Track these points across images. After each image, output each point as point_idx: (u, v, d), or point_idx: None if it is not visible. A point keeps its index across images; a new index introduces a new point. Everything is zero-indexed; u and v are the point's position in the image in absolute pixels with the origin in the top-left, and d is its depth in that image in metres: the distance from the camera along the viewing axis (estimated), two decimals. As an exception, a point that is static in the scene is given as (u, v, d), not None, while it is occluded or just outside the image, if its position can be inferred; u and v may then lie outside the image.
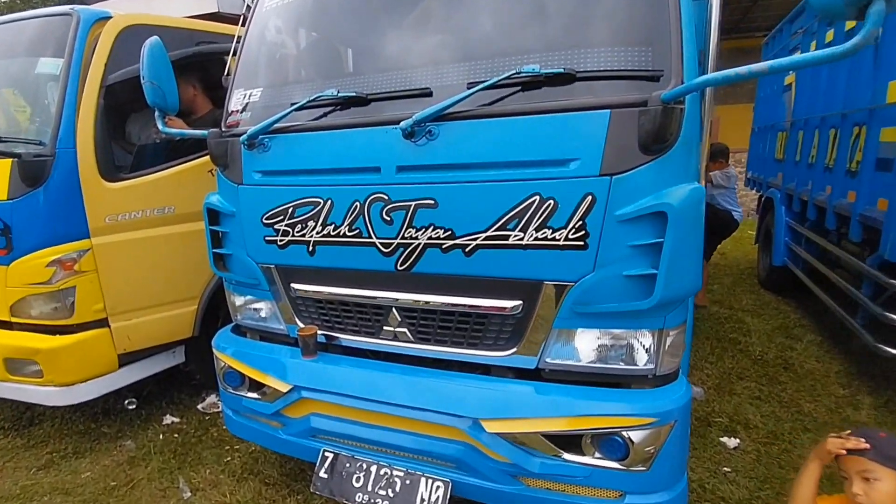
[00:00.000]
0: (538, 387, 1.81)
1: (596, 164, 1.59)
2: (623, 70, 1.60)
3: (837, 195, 4.24)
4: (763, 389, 3.69)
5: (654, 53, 1.58)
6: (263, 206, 2.15)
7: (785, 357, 4.25)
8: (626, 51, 1.62)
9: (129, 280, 3.00)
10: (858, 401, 3.51)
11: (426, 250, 1.85)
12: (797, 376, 3.91)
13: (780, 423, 3.24)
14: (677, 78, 1.54)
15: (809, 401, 3.54)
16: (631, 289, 1.63)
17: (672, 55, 1.56)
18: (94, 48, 2.78)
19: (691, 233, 1.57)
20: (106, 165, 2.85)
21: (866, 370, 3.93)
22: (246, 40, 2.36)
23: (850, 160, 4.08)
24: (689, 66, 1.58)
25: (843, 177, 4.18)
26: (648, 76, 1.57)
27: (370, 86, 1.96)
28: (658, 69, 1.57)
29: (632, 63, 1.61)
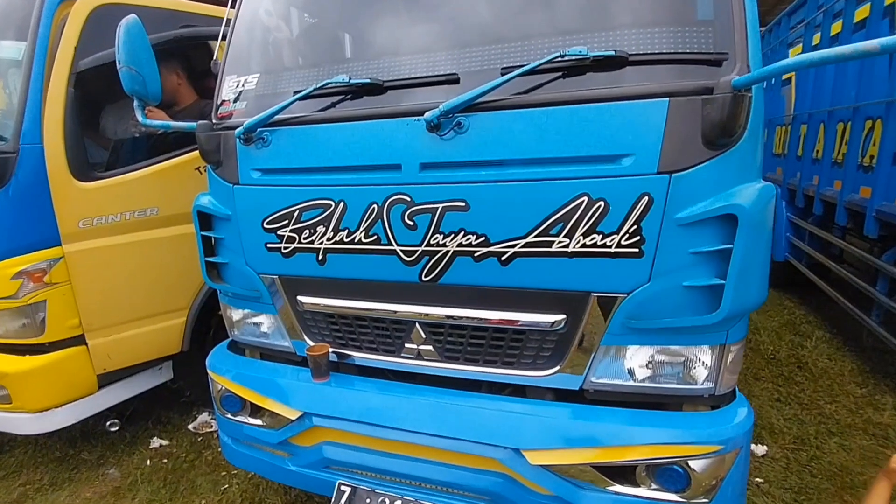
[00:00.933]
0: (585, 411, 1.61)
1: (653, 161, 1.39)
2: (682, 53, 1.40)
3: (849, 191, 4.16)
4: (781, 391, 3.58)
5: (716, 34, 1.39)
6: (264, 208, 1.90)
7: (797, 355, 4.16)
8: (682, 31, 1.42)
9: (107, 291, 2.70)
10: (877, 400, 3.42)
11: (455, 259, 1.64)
12: (813, 376, 3.81)
13: (804, 426, 3.12)
14: (742, 62, 1.35)
15: (829, 401, 3.44)
16: (692, 301, 1.44)
17: (736, 36, 1.37)
18: (61, 30, 2.47)
19: (762, 237, 1.39)
20: (78, 163, 2.54)
21: (880, 367, 3.86)
22: (238, 20, 2.09)
23: (863, 155, 3.99)
24: (754, 48, 1.39)
25: (855, 172, 4.09)
26: (712, 60, 1.38)
27: (386, 71, 1.73)
28: (721, 52, 1.37)
29: (689, 45, 1.41)
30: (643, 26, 1.45)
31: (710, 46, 1.39)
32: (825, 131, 4.75)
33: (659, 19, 1.47)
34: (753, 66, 1.36)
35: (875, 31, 3.80)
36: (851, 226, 4.26)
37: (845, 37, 4.29)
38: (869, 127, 3.95)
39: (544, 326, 1.61)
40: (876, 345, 4.02)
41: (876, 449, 2.86)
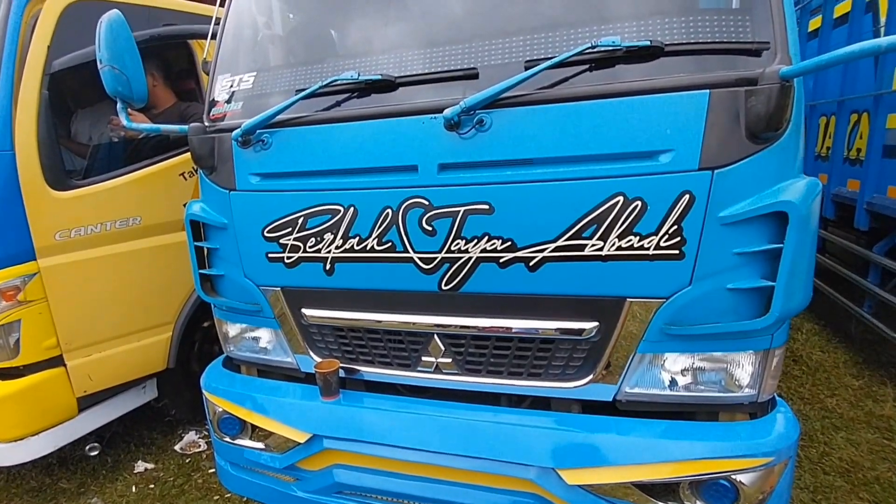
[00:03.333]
0: (623, 424, 1.53)
1: (694, 157, 1.32)
2: (721, 42, 1.34)
3: (836, 184, 4.23)
4: (781, 386, 3.59)
5: (754, 23, 1.33)
6: (265, 216, 1.77)
7: (791, 348, 4.20)
8: (719, 20, 1.36)
9: (87, 308, 2.51)
10: (875, 392, 3.46)
11: (479, 265, 1.53)
12: (809, 369, 3.84)
13: (809, 422, 3.13)
14: (783, 52, 1.29)
15: (829, 395, 3.46)
16: (737, 304, 1.37)
17: (775, 25, 1.31)
18: (32, 28, 2.28)
19: (811, 234, 1.33)
20: (54, 171, 2.35)
21: (872, 358, 3.92)
22: (230, 15, 1.94)
23: (850, 148, 4.06)
24: (793, 38, 1.33)
25: (842, 165, 4.16)
26: (752, 49, 1.31)
27: (397, 66, 1.61)
28: (763, 41, 1.31)
29: (727, 35, 1.34)
30: (678, 15, 1.38)
31: (748, 36, 1.33)
32: (807, 125, 4.83)
33: (694, 8, 1.40)
34: (793, 56, 1.30)
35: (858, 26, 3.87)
36: (836, 218, 4.33)
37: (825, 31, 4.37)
38: (854, 120, 4.02)
39: (575, 335, 1.52)
40: (865, 335, 4.09)
41: (882, 443, 2.88)
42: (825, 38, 4.28)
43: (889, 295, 3.45)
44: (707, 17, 1.36)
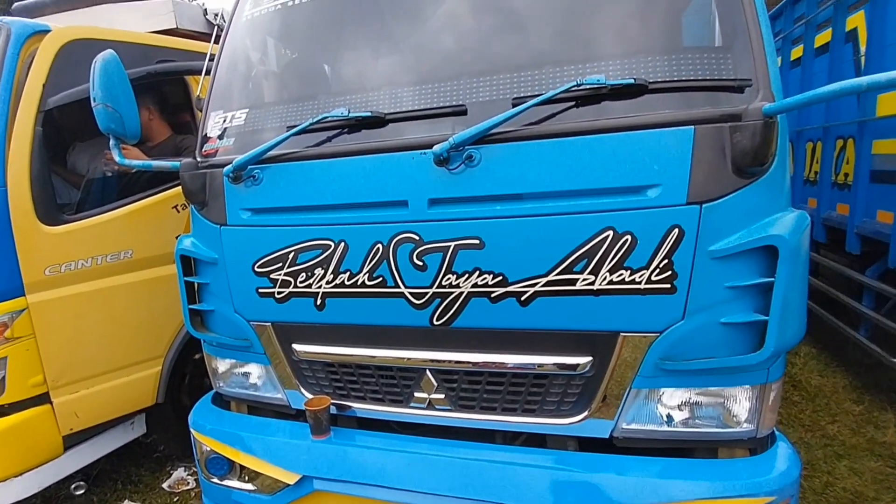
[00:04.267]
0: (620, 463, 1.49)
1: (681, 191, 1.33)
2: (704, 80, 1.36)
3: (825, 208, 4.27)
4: (782, 412, 3.54)
5: (736, 61, 1.36)
6: (255, 251, 1.76)
7: (789, 373, 4.16)
8: (703, 58, 1.39)
9: (76, 343, 2.47)
10: (876, 418, 3.42)
11: (470, 300, 1.52)
12: (808, 395, 3.81)
13: (811, 450, 3.07)
14: (766, 88, 1.32)
15: (829, 421, 3.42)
16: (731, 339, 1.36)
17: (757, 62, 1.34)
18: (28, 66, 2.30)
19: (802, 268, 1.33)
20: (45, 206, 2.34)
21: (871, 382, 3.89)
22: (223, 53, 1.98)
23: (837, 172, 4.12)
24: (775, 74, 1.36)
25: (830, 189, 4.21)
26: (735, 86, 1.34)
27: (387, 103, 1.64)
28: (745, 79, 1.34)
29: (710, 72, 1.37)
30: (661, 53, 1.41)
31: (730, 73, 1.35)
32: (794, 150, 4.90)
33: (678, 46, 1.43)
34: (776, 92, 1.33)
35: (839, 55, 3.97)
36: (828, 241, 4.36)
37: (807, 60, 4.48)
38: (840, 146, 4.09)
39: (569, 370, 1.50)
40: (863, 359, 4.06)
41: (886, 471, 2.83)
42: (807, 67, 4.39)
43: (884, 319, 3.44)
44: (690, 54, 1.39)
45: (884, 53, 3.22)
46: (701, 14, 1.50)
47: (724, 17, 1.40)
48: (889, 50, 3.18)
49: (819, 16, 4.16)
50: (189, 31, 3.40)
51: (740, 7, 1.36)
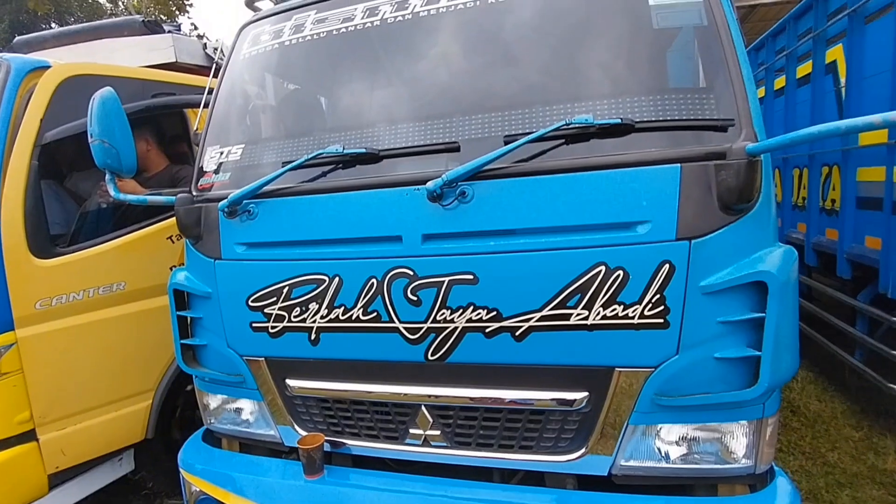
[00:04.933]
0: (623, 502, 1.46)
1: (670, 227, 1.35)
2: (688, 119, 1.40)
3: (815, 233, 4.33)
4: (782, 440, 3.51)
5: (719, 101, 1.40)
6: (249, 285, 1.76)
7: (787, 399, 4.14)
8: (687, 99, 1.43)
9: (65, 378, 2.42)
10: (876, 444, 3.39)
11: (465, 335, 1.52)
12: (808, 420, 3.78)
13: (812, 479, 3.04)
14: (748, 127, 1.36)
15: (829, 448, 3.39)
16: (726, 374, 1.36)
17: (739, 102, 1.38)
18: (27, 102, 2.33)
19: (792, 303, 1.34)
20: (38, 239, 2.33)
21: (870, 407, 3.87)
22: (221, 89, 2.01)
23: (824, 199, 4.19)
24: (756, 114, 1.40)
25: (819, 215, 4.28)
26: (718, 126, 1.38)
27: (381, 139, 1.67)
28: (727, 118, 1.38)
29: (694, 112, 1.41)
30: (647, 94, 1.45)
31: (713, 113, 1.40)
32: (781, 176, 4.99)
33: (662, 86, 1.48)
34: (758, 130, 1.37)
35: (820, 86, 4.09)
36: (819, 265, 4.40)
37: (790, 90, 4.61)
38: (826, 173, 4.17)
39: (566, 405, 1.49)
40: (861, 384, 4.05)
41: (888, 500, 2.79)
42: (791, 97, 4.51)
43: (879, 344, 3.45)
44: (674, 95, 1.43)
45: (863, 85, 3.32)
46: (684, 54, 1.55)
47: (705, 58, 1.45)
48: (868, 82, 3.28)
49: (799, 48, 4.30)
50: (188, 65, 3.47)
51: (720, 49, 1.41)
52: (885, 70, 3.03)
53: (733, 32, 1.43)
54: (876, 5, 3.23)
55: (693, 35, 1.50)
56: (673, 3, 1.49)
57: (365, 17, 1.82)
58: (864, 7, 3.27)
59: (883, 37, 3.11)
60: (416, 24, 1.74)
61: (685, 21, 1.50)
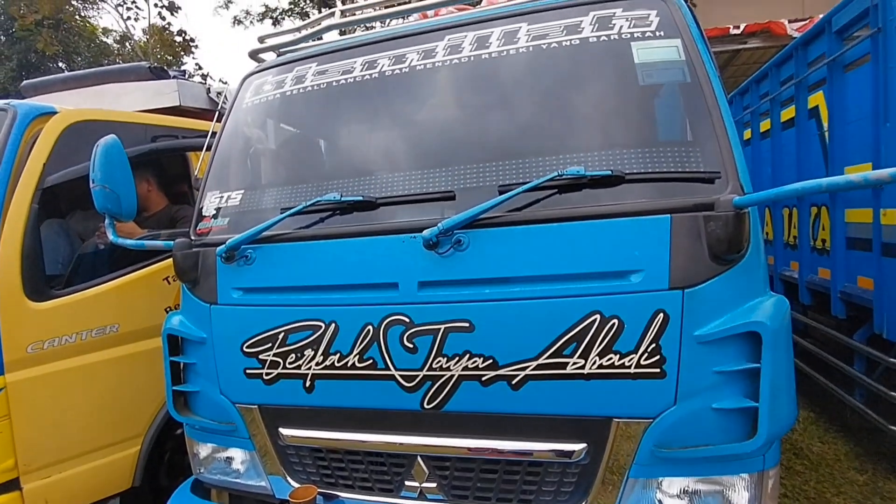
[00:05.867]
0: None
1: (663, 276, 1.37)
2: (676, 172, 1.45)
3: (808, 271, 4.37)
4: (786, 484, 3.43)
5: (704, 154, 1.45)
6: (245, 330, 1.75)
7: (790, 440, 4.07)
8: (675, 152, 1.48)
9: (53, 424, 2.36)
10: (882, 488, 3.32)
11: (461, 384, 1.51)
12: (811, 463, 3.71)
13: (818, 527, 2.95)
14: (735, 180, 1.40)
15: (834, 493, 3.31)
16: (725, 425, 1.35)
17: (724, 155, 1.43)
18: (31, 146, 2.38)
19: (786, 353, 1.35)
20: (33, 281, 2.32)
21: (873, 448, 3.81)
22: (222, 138, 2.07)
23: (815, 238, 4.25)
24: (742, 167, 1.45)
25: (811, 254, 4.33)
26: (705, 178, 1.43)
27: (378, 187, 1.71)
28: (714, 171, 1.42)
29: (682, 165, 1.46)
30: (636, 146, 1.51)
31: (700, 166, 1.44)
32: (772, 216, 5.07)
33: (652, 140, 1.53)
34: (744, 183, 1.41)
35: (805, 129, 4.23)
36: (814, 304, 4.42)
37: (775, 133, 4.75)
38: (815, 213, 4.25)
39: (564, 457, 1.47)
40: (862, 424, 4.00)
41: (897, 549, 2.71)
42: (776, 139, 4.65)
43: (878, 385, 3.43)
44: (662, 148, 1.48)
45: (845, 130, 3.43)
46: (670, 108, 1.62)
47: (690, 113, 1.51)
48: (850, 127, 3.40)
49: (783, 94, 4.46)
50: (192, 108, 3.56)
51: (704, 105, 1.47)
52: (866, 116, 3.15)
53: (715, 88, 1.50)
54: (853, 55, 3.38)
55: (678, 91, 1.57)
56: (656, 61, 1.57)
57: (364, 69, 1.89)
58: (843, 57, 3.42)
59: (862, 85, 3.25)
60: (413, 78, 1.81)
61: (669, 78, 1.57)
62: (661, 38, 1.58)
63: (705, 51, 1.58)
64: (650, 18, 1.61)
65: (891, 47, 2.85)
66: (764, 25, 8.87)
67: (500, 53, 1.72)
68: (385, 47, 1.90)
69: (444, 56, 1.78)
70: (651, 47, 1.58)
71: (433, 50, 1.81)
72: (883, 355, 3.34)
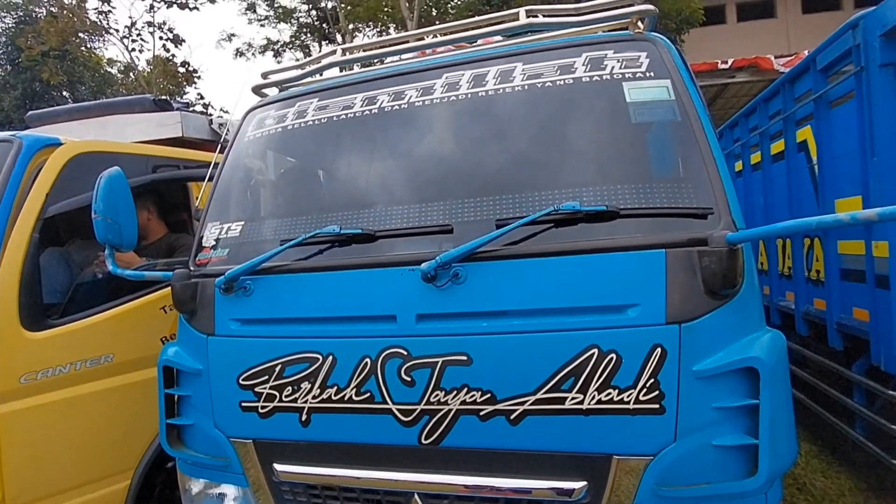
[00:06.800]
0: None
1: (660, 311, 1.38)
2: (669, 208, 1.48)
3: (804, 302, 4.38)
4: (790, 520, 3.36)
5: (697, 190, 1.49)
6: (242, 362, 1.75)
7: (793, 474, 4.00)
8: (667, 186, 1.52)
9: (43, 457, 2.31)
10: (887, 525, 3.25)
11: (459, 418, 1.50)
12: (815, 499, 3.64)
13: (825, 566, 2.87)
14: (727, 216, 1.43)
15: (839, 531, 3.23)
16: (726, 462, 1.34)
17: (715, 192, 1.47)
18: (34, 177, 2.41)
19: (785, 388, 1.36)
20: (30, 311, 2.31)
21: (877, 483, 3.75)
22: (223, 170, 2.10)
23: (809, 269, 4.29)
24: (734, 203, 1.49)
25: (805, 285, 4.36)
26: (698, 214, 1.46)
27: (376, 220, 1.73)
28: (706, 207, 1.46)
29: (674, 200, 1.50)
30: (629, 182, 1.54)
31: (692, 202, 1.48)
32: (766, 246, 5.12)
33: (643, 177, 1.57)
34: (736, 218, 1.44)
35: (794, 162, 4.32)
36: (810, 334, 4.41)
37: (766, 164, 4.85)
38: (808, 244, 4.30)
39: (564, 496, 1.45)
40: (864, 457, 3.94)
41: (906, 590, 2.64)
42: (767, 171, 4.74)
43: (878, 418, 3.40)
44: (655, 184, 1.52)
45: (834, 164, 3.51)
46: (662, 145, 1.66)
47: (681, 150, 1.56)
48: (838, 161, 3.48)
49: (771, 128, 4.58)
50: (194, 139, 3.62)
51: (695, 142, 1.52)
52: (854, 151, 3.23)
53: (705, 126, 1.55)
54: (838, 92, 3.49)
55: (669, 129, 1.62)
56: (647, 100, 1.63)
57: (364, 105, 1.95)
58: (828, 93, 3.53)
59: (848, 120, 3.34)
60: (411, 114, 1.86)
61: (660, 117, 1.63)
62: (652, 78, 1.64)
63: (694, 90, 1.64)
64: (640, 60, 1.68)
65: (874, 85, 2.95)
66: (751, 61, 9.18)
67: (497, 91, 1.78)
68: (385, 84, 1.96)
69: (442, 93, 1.84)
70: (642, 87, 1.64)
71: (431, 87, 1.87)
72: (881, 388, 3.33)
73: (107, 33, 15.99)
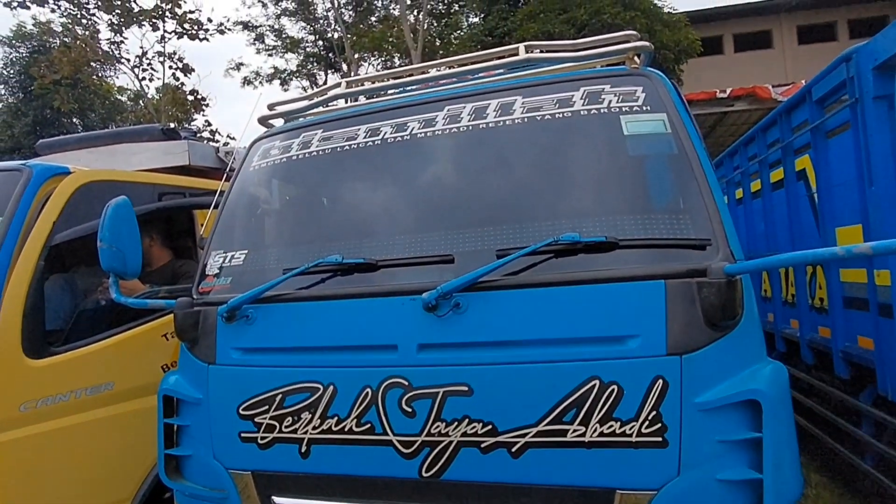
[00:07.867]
0: None
1: (660, 342, 1.38)
2: (668, 239, 1.50)
3: (808, 330, 4.35)
4: (801, 557, 3.25)
5: (695, 222, 1.51)
6: (242, 392, 1.74)
7: (803, 508, 3.89)
8: (665, 218, 1.54)
9: (40, 486, 2.28)
10: (902, 563, 3.14)
11: (460, 450, 1.49)
12: (827, 534, 3.52)
13: None
14: (725, 247, 1.45)
15: (853, 568, 3.12)
16: (730, 497, 1.32)
17: (713, 224, 1.48)
18: (42, 205, 2.45)
19: (788, 421, 1.34)
20: (32, 339, 2.32)
21: (889, 518, 3.63)
22: (228, 200, 2.14)
23: (812, 296, 4.27)
24: (731, 234, 1.50)
25: (809, 312, 4.33)
26: (696, 245, 1.47)
27: (379, 250, 1.75)
28: (704, 238, 1.47)
29: (672, 231, 1.51)
30: (628, 214, 1.56)
31: (690, 234, 1.49)
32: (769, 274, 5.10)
33: (642, 208, 1.59)
34: (734, 250, 1.45)
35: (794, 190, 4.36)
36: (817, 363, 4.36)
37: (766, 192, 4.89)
38: (811, 272, 4.29)
39: (566, 531, 1.42)
40: (876, 489, 3.84)
41: None
42: (767, 199, 4.78)
43: (889, 449, 3.33)
44: (654, 215, 1.54)
45: (832, 192, 3.54)
46: (660, 178, 1.69)
47: (679, 183, 1.58)
48: (836, 189, 3.51)
49: (770, 156, 4.63)
50: (201, 167, 3.69)
51: (692, 175, 1.54)
52: (851, 180, 3.26)
53: (701, 158, 1.58)
54: (835, 123, 3.55)
55: (665, 161, 1.65)
56: (644, 133, 1.66)
57: (367, 136, 1.99)
58: (824, 124, 3.59)
59: (845, 150, 3.39)
60: (414, 145, 1.91)
61: (656, 150, 1.66)
62: (648, 111, 1.68)
63: (689, 123, 1.68)
64: (637, 94, 1.72)
65: (869, 117, 3.00)
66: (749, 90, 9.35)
67: (497, 123, 1.82)
68: (388, 116, 2.01)
69: (444, 125, 1.88)
70: (639, 120, 1.68)
71: (433, 119, 1.91)
72: (890, 418, 3.27)
73: (118, 62, 16.45)
